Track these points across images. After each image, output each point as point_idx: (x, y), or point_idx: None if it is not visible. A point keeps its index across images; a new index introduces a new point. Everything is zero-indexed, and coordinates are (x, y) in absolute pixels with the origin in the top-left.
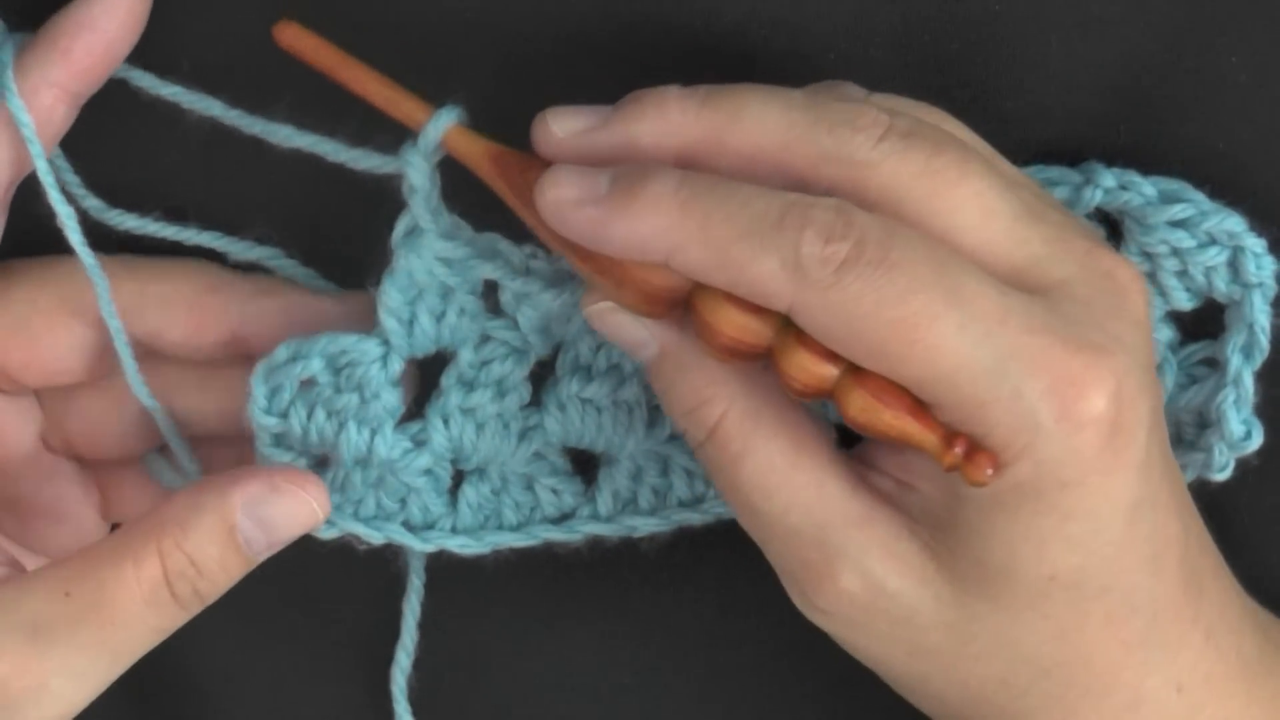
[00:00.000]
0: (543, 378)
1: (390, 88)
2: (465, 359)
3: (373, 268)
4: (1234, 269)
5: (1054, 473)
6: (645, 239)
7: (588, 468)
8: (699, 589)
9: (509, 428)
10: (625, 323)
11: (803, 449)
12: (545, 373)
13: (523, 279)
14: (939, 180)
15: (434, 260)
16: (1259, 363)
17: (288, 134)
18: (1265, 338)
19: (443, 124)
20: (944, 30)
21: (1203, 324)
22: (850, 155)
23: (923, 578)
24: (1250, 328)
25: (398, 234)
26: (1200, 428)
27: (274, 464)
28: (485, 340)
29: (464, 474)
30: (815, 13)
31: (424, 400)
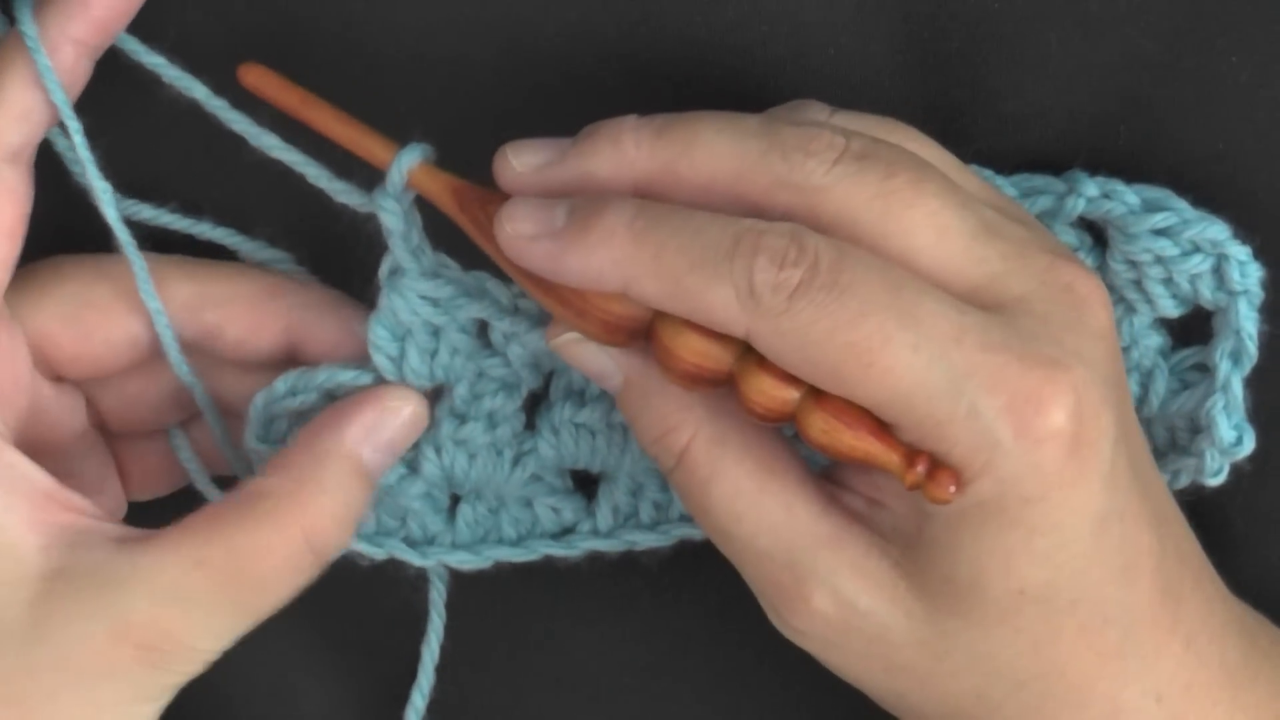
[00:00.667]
0: (537, 401)
1: (354, 128)
2: (459, 394)
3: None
4: (1219, 276)
5: (1016, 489)
6: (600, 270)
7: (588, 483)
8: (699, 590)
9: (502, 455)
10: (590, 353)
11: (771, 471)
12: (539, 396)
13: (510, 318)
14: (893, 201)
15: (418, 300)
16: (1248, 369)
17: (272, 144)
18: (1253, 344)
19: (405, 164)
20: (943, 29)
21: (1197, 328)
22: (804, 181)
23: (893, 596)
24: (1237, 334)
25: (383, 273)
26: (1193, 433)
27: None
28: (479, 377)
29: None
30: (815, 11)
31: None
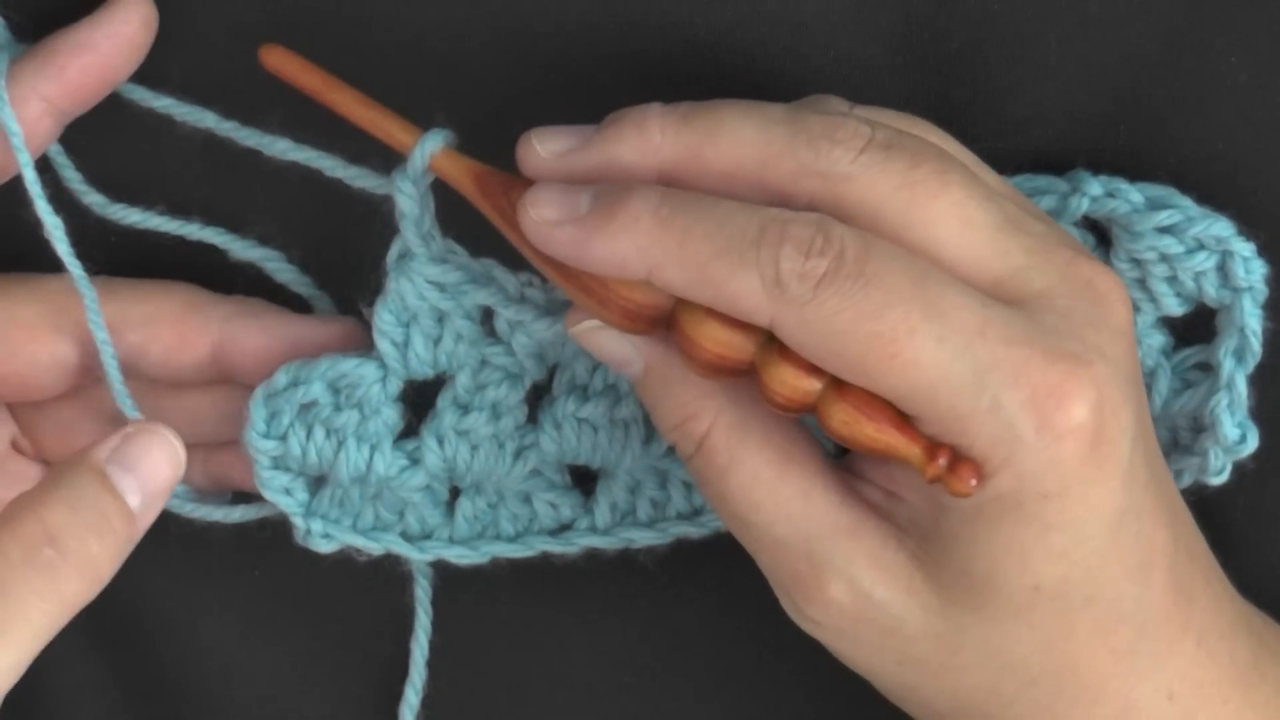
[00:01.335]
0: (539, 396)
1: (376, 111)
2: (461, 383)
3: (371, 276)
4: (1223, 273)
5: (1035, 484)
6: (625, 257)
7: (586, 480)
8: (699, 588)
9: (504, 447)
10: (610, 340)
11: (790, 460)
12: (541, 391)
13: (516, 306)
14: (918, 192)
15: (425, 285)
16: (1251, 366)
17: (284, 147)
18: (1257, 341)
19: (428, 148)
20: (944, 30)
21: (1197, 328)
22: (829, 168)
23: (910, 588)
24: (1241, 331)
25: (391, 257)
26: (1196, 432)
27: (274, 485)
28: (482, 365)
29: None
30: (815, 11)
31: (422, 416)
